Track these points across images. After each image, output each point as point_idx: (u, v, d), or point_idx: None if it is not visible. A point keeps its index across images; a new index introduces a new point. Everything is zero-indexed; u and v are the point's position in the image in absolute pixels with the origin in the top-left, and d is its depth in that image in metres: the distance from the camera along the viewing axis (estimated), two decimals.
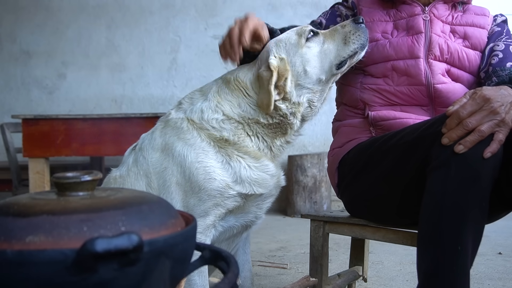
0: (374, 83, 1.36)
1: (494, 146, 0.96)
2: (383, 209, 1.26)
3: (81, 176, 0.56)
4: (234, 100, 1.23)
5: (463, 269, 0.96)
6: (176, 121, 1.24)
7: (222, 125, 1.20)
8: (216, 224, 1.21)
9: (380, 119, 1.32)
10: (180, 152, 1.19)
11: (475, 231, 0.97)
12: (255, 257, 2.37)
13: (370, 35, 1.38)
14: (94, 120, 2.66)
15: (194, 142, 1.19)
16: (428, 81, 1.30)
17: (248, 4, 4.29)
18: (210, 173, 1.16)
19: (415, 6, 1.39)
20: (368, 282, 1.87)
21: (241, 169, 1.18)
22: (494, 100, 0.97)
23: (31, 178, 2.64)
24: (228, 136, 1.20)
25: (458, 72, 1.33)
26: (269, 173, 1.22)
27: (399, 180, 1.16)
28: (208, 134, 1.20)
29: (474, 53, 1.35)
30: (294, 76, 1.20)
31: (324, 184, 3.73)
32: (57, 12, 4.48)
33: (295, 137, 1.29)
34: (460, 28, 1.37)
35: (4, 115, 4.26)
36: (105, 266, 0.45)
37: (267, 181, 1.22)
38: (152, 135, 1.27)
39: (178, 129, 1.22)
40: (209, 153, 1.18)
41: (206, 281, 1.21)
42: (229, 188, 1.17)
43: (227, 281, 0.54)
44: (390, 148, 1.18)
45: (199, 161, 1.17)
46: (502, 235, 2.80)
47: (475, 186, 0.96)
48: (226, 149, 1.19)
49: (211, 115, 1.21)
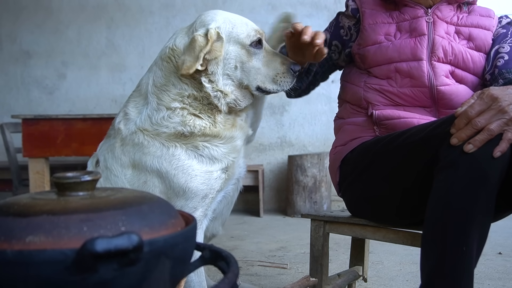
0: (378, 83, 1.36)
1: (504, 145, 0.96)
2: (385, 209, 1.26)
3: (81, 176, 0.56)
4: (169, 82, 1.23)
5: (468, 270, 0.96)
6: (132, 138, 1.23)
7: (171, 120, 1.21)
8: (207, 213, 1.25)
9: (384, 118, 1.32)
10: (152, 166, 1.20)
11: (481, 232, 0.97)
12: (255, 257, 2.37)
13: (374, 37, 1.39)
14: (94, 120, 2.67)
15: (161, 153, 1.20)
16: (431, 83, 1.30)
17: (248, 4, 4.29)
18: (189, 173, 1.19)
19: (418, 9, 1.38)
20: (368, 282, 1.87)
21: (212, 151, 1.21)
22: (502, 99, 0.97)
23: (31, 178, 2.64)
24: (182, 129, 1.20)
25: (462, 73, 1.33)
26: (235, 140, 1.26)
27: (404, 180, 1.16)
28: (167, 136, 1.21)
29: (478, 55, 1.34)
30: (225, 65, 1.22)
31: (324, 184, 3.73)
32: (57, 12, 4.48)
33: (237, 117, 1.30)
34: (465, 29, 1.36)
35: (4, 115, 4.26)
36: (105, 266, 0.45)
37: (236, 144, 1.26)
38: (113, 153, 1.25)
39: (139, 145, 1.21)
40: (180, 155, 1.20)
41: (203, 279, 1.21)
42: (210, 173, 1.20)
43: (227, 281, 0.54)
44: (396, 148, 1.18)
45: (175, 168, 1.19)
46: (502, 235, 2.80)
47: (483, 187, 0.96)
48: (191, 142, 1.21)
49: (156, 116, 1.22)
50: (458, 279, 0.95)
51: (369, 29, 1.40)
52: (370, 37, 1.40)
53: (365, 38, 1.41)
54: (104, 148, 1.29)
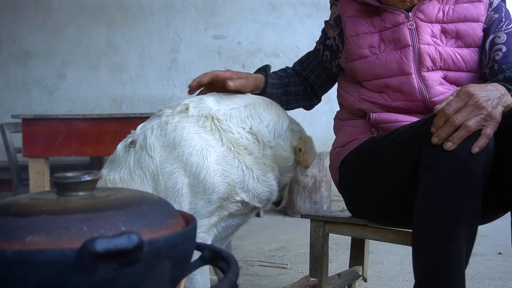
0: (371, 96, 1.33)
1: (482, 141, 0.96)
2: (381, 208, 1.26)
3: (81, 176, 0.56)
4: (267, 117, 1.28)
5: (458, 269, 0.95)
6: (199, 118, 1.21)
7: (247, 135, 1.23)
8: (218, 224, 1.23)
9: (381, 122, 1.30)
10: (199, 152, 1.16)
11: (469, 230, 0.97)
12: (255, 257, 2.37)
13: (358, 51, 1.35)
14: (94, 120, 2.66)
15: (215, 144, 1.19)
16: (423, 96, 1.26)
17: (248, 4, 4.28)
18: (226, 177, 1.18)
19: (398, 14, 1.30)
20: (368, 282, 1.87)
21: (250, 179, 1.21)
22: (479, 95, 0.97)
23: (31, 178, 2.64)
24: (248, 145, 1.22)
25: (455, 74, 1.28)
26: (270, 191, 1.27)
27: (395, 179, 1.16)
28: (230, 137, 1.21)
29: (469, 51, 1.28)
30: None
31: (324, 184, 3.73)
32: (57, 12, 4.48)
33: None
34: (452, 27, 1.28)
35: (4, 115, 4.26)
36: (105, 266, 0.45)
37: (266, 197, 1.27)
38: (160, 130, 1.20)
39: (200, 128, 1.20)
40: (228, 157, 1.19)
41: (207, 280, 1.21)
42: (235, 194, 1.19)
43: (227, 281, 0.54)
44: (385, 148, 1.18)
45: (219, 163, 1.17)
46: (502, 235, 2.80)
47: (467, 185, 0.96)
48: (242, 156, 1.21)
49: (239, 123, 1.24)
50: (448, 278, 0.95)
51: (352, 42, 1.37)
52: (354, 51, 1.36)
53: (350, 53, 1.37)
54: (149, 126, 1.23)
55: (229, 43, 4.35)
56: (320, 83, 1.56)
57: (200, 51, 4.41)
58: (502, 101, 0.99)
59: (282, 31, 4.34)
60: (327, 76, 1.54)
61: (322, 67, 1.53)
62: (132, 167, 1.19)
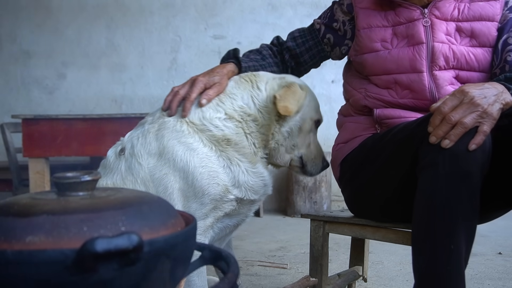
0: (378, 93, 1.32)
1: (479, 138, 0.96)
2: (382, 206, 1.26)
3: (81, 176, 0.56)
4: (238, 93, 1.24)
5: (457, 268, 0.95)
6: (175, 124, 1.21)
7: (225, 123, 1.21)
8: (214, 225, 1.22)
9: (385, 117, 1.30)
10: (182, 157, 1.17)
11: (468, 229, 0.97)
12: (255, 257, 2.37)
13: (369, 44, 1.33)
14: (94, 120, 2.66)
15: (196, 147, 1.18)
16: (432, 95, 1.25)
17: (248, 4, 4.28)
18: (214, 178, 1.17)
19: (414, 10, 1.29)
20: (368, 282, 1.87)
21: (240, 173, 1.20)
22: (473, 93, 0.97)
23: (31, 178, 2.63)
24: (230, 135, 1.20)
25: (467, 74, 1.27)
26: (263, 181, 1.25)
27: (395, 177, 1.16)
28: (210, 136, 1.20)
29: (482, 51, 1.26)
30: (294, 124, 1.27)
31: (324, 184, 3.73)
32: (57, 12, 4.47)
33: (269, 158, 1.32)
34: (467, 25, 1.27)
35: (4, 115, 4.25)
36: (105, 266, 0.45)
37: (261, 188, 1.25)
38: (144, 139, 1.21)
39: (178, 132, 1.19)
40: (211, 157, 1.18)
41: (205, 281, 1.21)
42: (228, 193, 1.19)
43: (227, 281, 0.54)
44: (385, 145, 1.18)
45: (203, 166, 1.17)
46: (502, 235, 2.80)
47: (464, 183, 0.96)
48: (226, 152, 1.20)
49: (213, 114, 1.21)
50: (448, 277, 0.95)
51: (364, 35, 1.34)
52: (366, 44, 1.34)
53: (361, 45, 1.35)
54: (135, 135, 1.24)
55: (229, 43, 4.34)
56: (311, 64, 1.51)
57: (200, 51, 4.41)
58: (500, 98, 0.99)
59: (282, 31, 4.31)
60: (320, 58, 1.50)
61: (319, 48, 1.47)
62: (123, 173, 1.21)
